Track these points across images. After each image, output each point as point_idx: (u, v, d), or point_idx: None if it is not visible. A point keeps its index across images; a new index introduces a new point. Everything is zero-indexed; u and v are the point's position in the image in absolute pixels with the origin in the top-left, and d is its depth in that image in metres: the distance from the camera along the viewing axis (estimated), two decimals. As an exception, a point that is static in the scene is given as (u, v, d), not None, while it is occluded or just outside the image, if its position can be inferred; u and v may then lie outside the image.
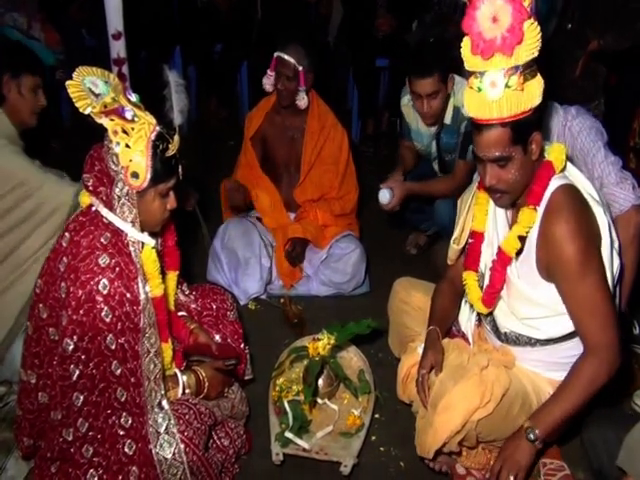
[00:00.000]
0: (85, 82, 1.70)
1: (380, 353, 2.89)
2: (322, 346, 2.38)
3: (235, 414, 2.24)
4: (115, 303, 1.73)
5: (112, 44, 3.23)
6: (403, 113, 3.50)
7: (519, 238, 1.95)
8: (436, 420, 2.00)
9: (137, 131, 1.71)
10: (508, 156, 1.85)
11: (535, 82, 1.75)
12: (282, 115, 3.41)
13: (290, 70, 3.17)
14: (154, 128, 1.75)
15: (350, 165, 3.53)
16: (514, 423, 2.04)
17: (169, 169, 1.81)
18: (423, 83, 3.04)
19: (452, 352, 2.14)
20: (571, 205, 1.87)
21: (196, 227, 3.26)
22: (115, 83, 1.77)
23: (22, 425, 1.93)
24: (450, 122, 3.26)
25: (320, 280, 3.41)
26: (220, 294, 2.50)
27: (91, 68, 1.74)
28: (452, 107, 3.23)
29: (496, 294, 2.11)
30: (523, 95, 1.74)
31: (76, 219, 1.84)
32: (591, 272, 1.87)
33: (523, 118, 1.78)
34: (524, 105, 1.76)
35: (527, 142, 1.85)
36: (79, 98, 1.68)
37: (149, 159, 1.73)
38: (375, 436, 2.49)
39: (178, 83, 1.87)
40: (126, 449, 1.82)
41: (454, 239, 2.27)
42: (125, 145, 1.71)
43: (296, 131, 3.43)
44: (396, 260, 3.70)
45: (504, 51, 1.67)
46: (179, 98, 1.87)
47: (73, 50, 5.29)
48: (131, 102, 1.78)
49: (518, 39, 1.66)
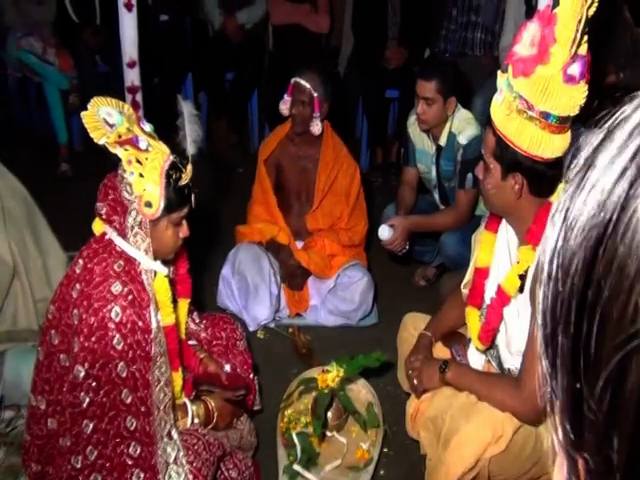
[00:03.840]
0: (100, 112, 1.71)
1: (389, 386, 2.86)
2: (331, 378, 2.36)
3: (243, 445, 2.22)
4: (127, 331, 1.72)
5: (126, 72, 3.27)
6: (409, 133, 3.53)
7: (519, 277, 1.95)
8: (448, 458, 1.97)
9: (151, 161, 1.73)
10: (487, 163, 1.89)
11: (534, 131, 1.72)
12: (296, 144, 3.43)
13: (306, 96, 3.21)
14: (167, 157, 1.76)
15: (360, 198, 3.54)
16: (526, 462, 2.02)
17: (182, 198, 1.82)
18: (422, 84, 3.18)
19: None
20: None
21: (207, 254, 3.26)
22: (129, 113, 1.78)
23: (30, 450, 1.91)
24: (445, 145, 3.32)
25: (327, 309, 3.40)
26: (230, 323, 2.49)
27: (106, 98, 1.75)
28: (448, 131, 3.30)
29: (492, 332, 2.09)
30: (509, 123, 1.74)
31: (89, 246, 1.84)
32: None
33: (509, 146, 1.78)
34: (507, 132, 1.76)
35: (507, 171, 1.86)
36: (94, 129, 1.69)
37: (162, 188, 1.74)
38: (384, 470, 2.46)
39: (192, 114, 1.90)
40: (134, 478, 1.80)
41: (464, 284, 2.27)
42: (139, 174, 1.72)
43: (309, 161, 3.45)
44: (405, 292, 3.68)
45: (514, 68, 1.68)
46: (192, 128, 1.89)
47: (86, 75, 5.34)
48: (145, 132, 1.79)
49: (526, 71, 1.66)
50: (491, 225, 2.18)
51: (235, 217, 3.67)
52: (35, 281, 2.47)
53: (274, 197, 3.46)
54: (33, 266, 2.47)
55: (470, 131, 3.25)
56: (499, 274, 2.11)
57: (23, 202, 2.54)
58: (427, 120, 3.24)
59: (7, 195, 2.46)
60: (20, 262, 2.41)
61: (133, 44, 3.22)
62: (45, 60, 5.25)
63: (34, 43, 5.21)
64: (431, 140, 3.40)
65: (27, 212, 2.53)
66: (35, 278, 2.47)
